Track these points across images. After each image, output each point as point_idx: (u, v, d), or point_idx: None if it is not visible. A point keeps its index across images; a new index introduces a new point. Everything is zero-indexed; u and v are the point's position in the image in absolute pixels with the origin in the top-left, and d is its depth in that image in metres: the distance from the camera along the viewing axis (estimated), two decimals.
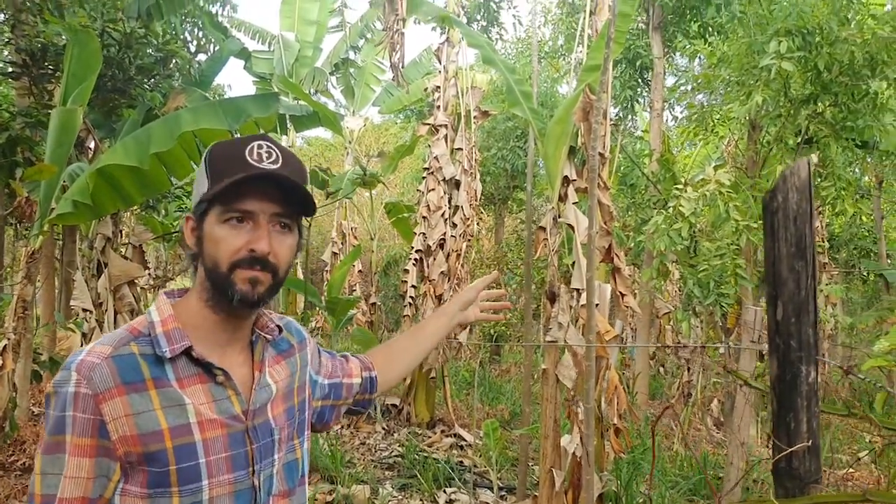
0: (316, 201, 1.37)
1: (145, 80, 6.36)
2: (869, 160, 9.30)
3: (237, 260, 1.25)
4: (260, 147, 1.29)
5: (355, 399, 1.71)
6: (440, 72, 8.64)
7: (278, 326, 1.46)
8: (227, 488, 1.27)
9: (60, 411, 1.17)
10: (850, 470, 6.75)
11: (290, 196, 1.29)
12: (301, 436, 1.48)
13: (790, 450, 1.73)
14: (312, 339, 1.62)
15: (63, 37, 5.68)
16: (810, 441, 1.74)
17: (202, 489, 1.23)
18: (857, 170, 10.83)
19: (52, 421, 1.18)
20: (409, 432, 8.15)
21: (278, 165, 1.28)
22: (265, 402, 1.35)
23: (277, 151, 1.30)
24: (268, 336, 1.42)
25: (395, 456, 7.19)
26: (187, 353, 1.27)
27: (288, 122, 7.48)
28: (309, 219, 6.59)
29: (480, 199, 9.74)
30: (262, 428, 1.33)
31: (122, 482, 1.20)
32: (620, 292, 4.53)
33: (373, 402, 1.81)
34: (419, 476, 6.20)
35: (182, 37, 7.30)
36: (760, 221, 5.86)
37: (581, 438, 4.14)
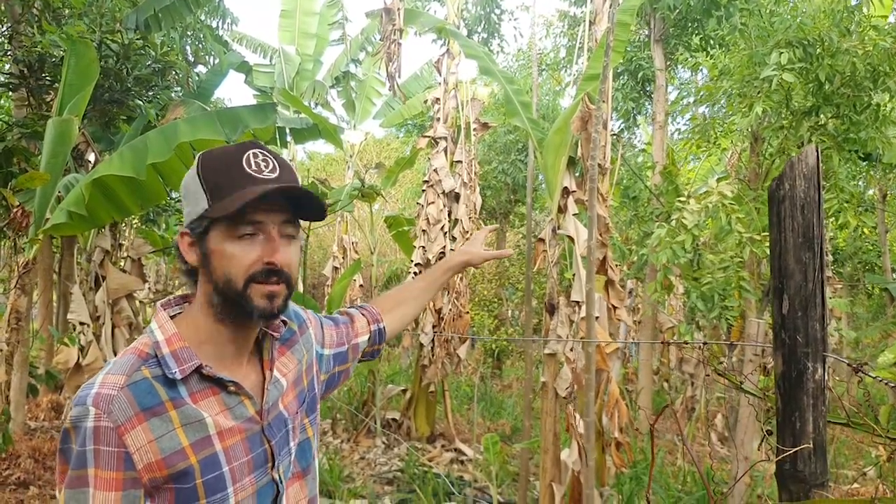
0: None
1: (143, 92, 6.34)
2: (873, 173, 9.25)
3: (253, 273, 1.23)
4: (255, 156, 1.26)
5: (363, 353, 1.75)
6: (440, 84, 8.62)
7: (283, 320, 1.46)
8: (250, 490, 1.28)
9: (81, 446, 1.13)
10: (856, 485, 6.66)
11: (295, 203, 1.28)
12: (312, 413, 1.49)
13: (794, 450, 1.66)
14: (312, 315, 1.62)
15: (61, 48, 5.67)
16: (816, 442, 1.68)
17: (228, 496, 1.23)
18: (861, 183, 10.78)
19: (73, 455, 1.14)
20: (410, 447, 8.07)
21: (276, 173, 1.26)
22: (277, 398, 1.36)
23: (272, 159, 1.28)
24: (275, 333, 1.41)
25: (395, 471, 7.11)
26: (197, 370, 1.24)
27: (288, 134, 7.47)
28: (308, 232, 6.54)
29: (480, 212, 9.69)
30: (276, 422, 1.34)
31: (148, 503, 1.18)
32: (613, 305, 4.48)
33: (381, 350, 1.86)
34: (419, 491, 6.12)
35: (181, 49, 7.29)
36: (764, 233, 5.80)
37: (581, 453, 4.07)
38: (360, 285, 13.15)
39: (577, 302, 4.33)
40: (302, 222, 1.35)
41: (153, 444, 1.15)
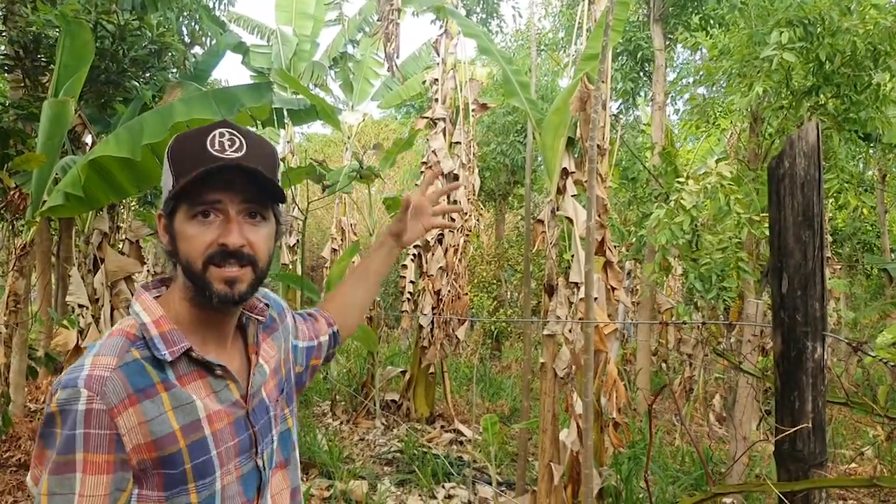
0: (310, 192, 1.32)
1: (140, 73, 6.30)
2: (872, 153, 9.23)
3: (210, 255, 1.21)
4: (221, 135, 1.23)
5: (325, 356, 1.71)
6: (438, 64, 8.56)
7: (265, 304, 1.47)
8: (234, 474, 1.28)
9: (70, 430, 1.11)
10: (854, 465, 6.70)
11: (258, 184, 1.24)
12: (291, 404, 1.50)
13: (793, 429, 1.65)
14: (287, 306, 1.61)
15: (56, 28, 5.62)
16: (815, 421, 1.67)
17: (215, 480, 1.23)
18: (860, 163, 10.76)
19: (60, 440, 1.11)
20: (409, 428, 8.09)
21: (242, 153, 1.22)
22: (260, 385, 1.36)
23: (240, 138, 1.24)
24: (259, 317, 1.42)
25: (395, 451, 7.13)
26: (186, 353, 1.24)
27: (285, 116, 7.41)
28: (306, 214, 6.52)
29: (479, 193, 9.66)
30: (259, 408, 1.34)
31: (136, 489, 1.17)
32: (611, 286, 4.47)
33: (333, 356, 1.81)
34: (418, 471, 6.14)
35: (177, 29, 7.23)
36: (763, 214, 5.78)
37: (579, 433, 4.08)
38: None
39: (576, 283, 4.33)
40: (301, 205, 1.33)
41: (144, 425, 1.15)
